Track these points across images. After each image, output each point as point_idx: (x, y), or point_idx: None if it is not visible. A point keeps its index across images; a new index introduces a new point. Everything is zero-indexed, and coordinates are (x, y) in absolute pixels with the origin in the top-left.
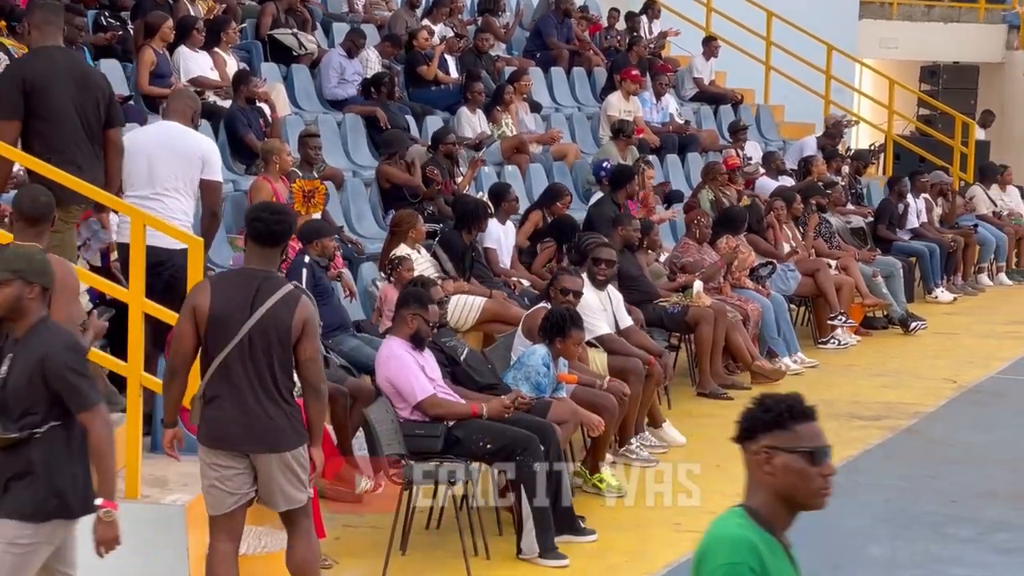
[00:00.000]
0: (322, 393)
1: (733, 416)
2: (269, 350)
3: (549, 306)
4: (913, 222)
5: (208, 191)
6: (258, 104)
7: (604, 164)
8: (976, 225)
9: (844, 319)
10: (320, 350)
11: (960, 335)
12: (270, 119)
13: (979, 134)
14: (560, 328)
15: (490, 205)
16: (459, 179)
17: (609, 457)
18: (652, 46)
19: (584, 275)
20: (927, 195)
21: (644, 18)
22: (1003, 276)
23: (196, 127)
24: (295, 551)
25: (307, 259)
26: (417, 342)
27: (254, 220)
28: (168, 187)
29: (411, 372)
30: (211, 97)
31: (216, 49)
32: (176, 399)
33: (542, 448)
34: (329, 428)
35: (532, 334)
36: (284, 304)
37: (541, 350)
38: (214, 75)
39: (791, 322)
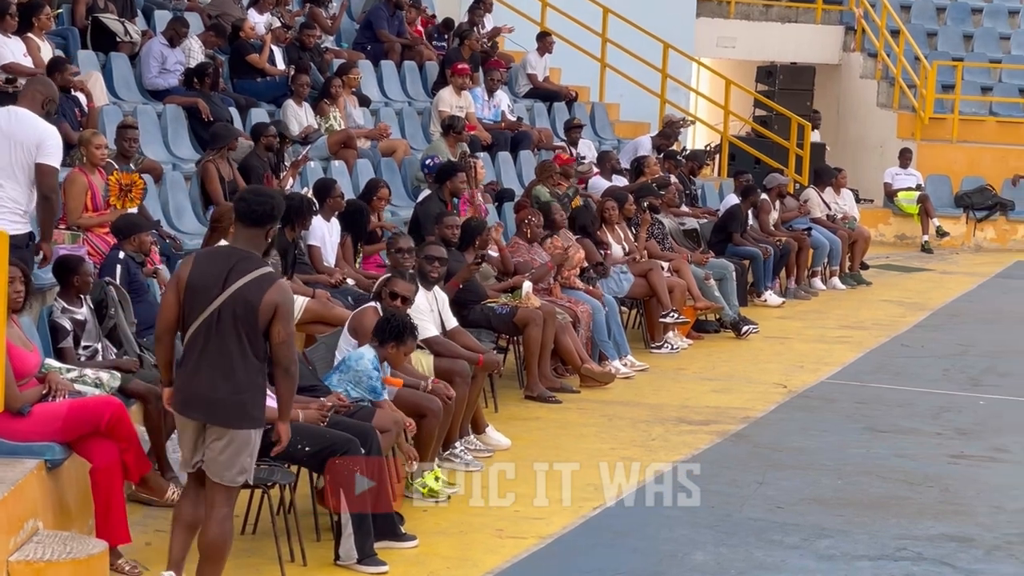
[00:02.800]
0: (292, 374)
1: (561, 420)
2: (235, 327)
3: (377, 306)
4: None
5: (39, 174)
6: (74, 93)
7: (428, 160)
8: (810, 228)
9: (676, 315)
10: (293, 334)
11: (792, 339)
12: (86, 109)
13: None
14: (399, 335)
15: (315, 201)
16: (283, 174)
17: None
18: (485, 41)
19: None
20: (766, 197)
21: (477, 11)
22: (836, 280)
23: (49, 115)
24: (206, 529)
25: (122, 255)
26: None
27: (238, 201)
28: (4, 173)
29: None
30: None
31: (29, 35)
32: (166, 361)
33: (363, 451)
34: (143, 430)
35: (358, 333)
36: (256, 285)
37: (369, 353)
38: (27, 61)
39: (622, 325)
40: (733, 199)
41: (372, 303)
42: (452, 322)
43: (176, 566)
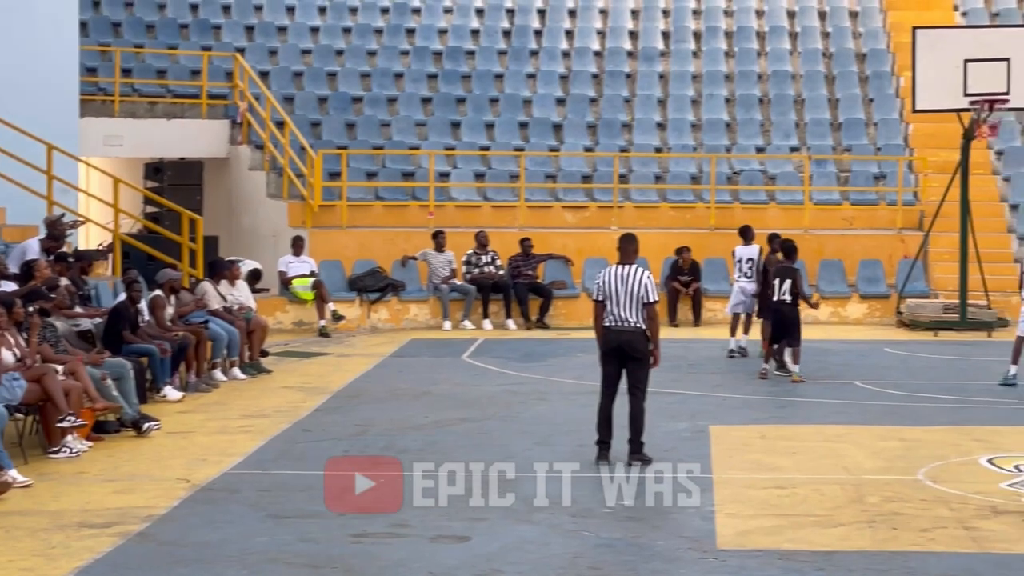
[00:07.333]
0: None
1: None
2: None
3: None
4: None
5: None
6: None
7: None
8: (207, 321)
9: (73, 419)
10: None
11: (194, 433)
12: None
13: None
14: None
15: None
16: None
17: None
18: None
19: None
20: (160, 293)
21: None
22: (237, 371)
23: None
24: None
25: None
26: None
27: None
28: None
29: None
30: None
31: None
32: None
33: None
34: None
35: None
36: None
37: None
38: None
39: (20, 433)
40: (124, 297)
41: None
42: None
43: None
